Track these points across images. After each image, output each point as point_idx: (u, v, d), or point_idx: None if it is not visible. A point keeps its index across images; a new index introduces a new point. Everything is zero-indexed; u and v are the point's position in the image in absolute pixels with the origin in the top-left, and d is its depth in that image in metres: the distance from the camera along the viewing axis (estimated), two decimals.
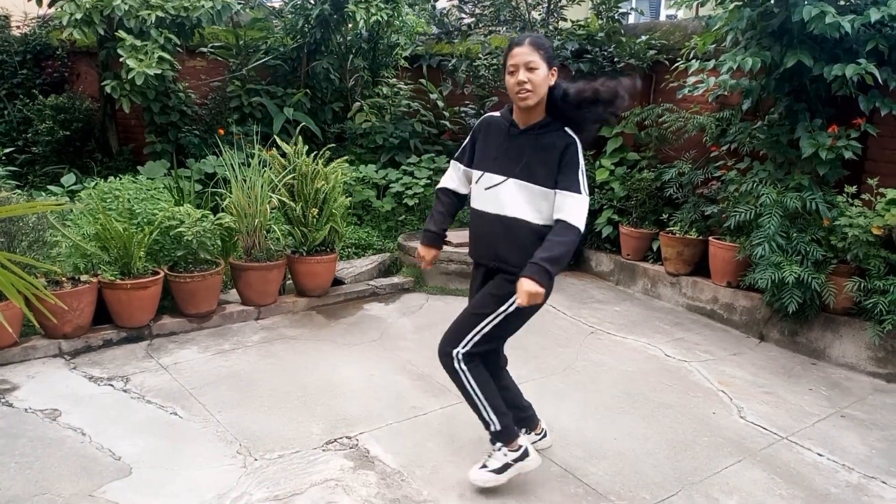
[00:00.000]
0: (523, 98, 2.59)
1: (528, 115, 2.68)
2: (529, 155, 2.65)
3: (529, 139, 2.67)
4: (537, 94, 2.59)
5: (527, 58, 2.56)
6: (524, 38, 2.61)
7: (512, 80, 2.59)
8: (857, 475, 3.14)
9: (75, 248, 4.21)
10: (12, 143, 6.77)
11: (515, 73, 2.58)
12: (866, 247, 4.13)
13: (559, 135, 2.65)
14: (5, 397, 3.53)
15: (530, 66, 2.56)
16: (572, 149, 2.63)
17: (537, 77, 2.57)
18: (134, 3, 5.53)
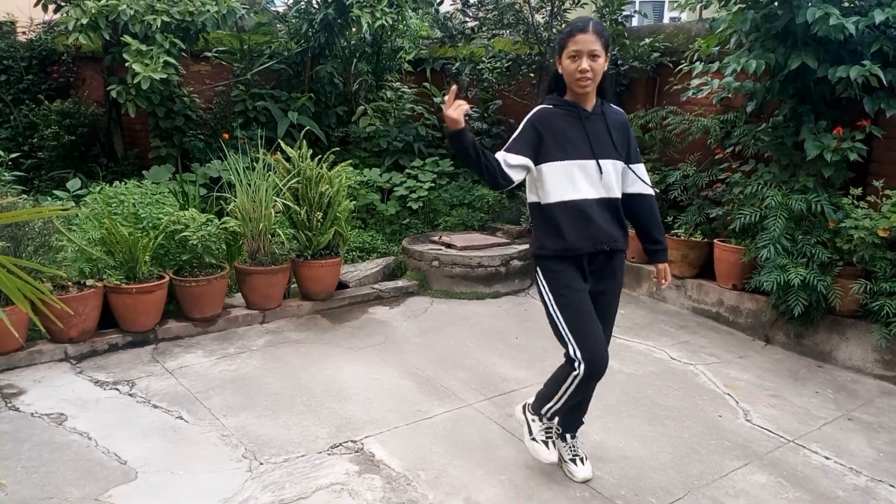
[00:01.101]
0: (583, 86, 2.59)
1: (588, 98, 2.69)
2: (609, 134, 2.69)
3: (601, 119, 2.71)
4: (596, 82, 2.62)
5: (591, 45, 2.54)
6: (587, 24, 2.57)
7: (573, 66, 2.57)
8: (864, 478, 3.12)
9: (81, 252, 4.23)
10: (18, 148, 6.81)
11: (578, 59, 2.56)
12: (872, 249, 4.12)
13: (616, 110, 2.78)
14: (12, 402, 3.54)
15: (594, 53, 2.55)
16: (627, 122, 2.81)
17: (599, 65, 2.58)
18: (139, 8, 5.56)
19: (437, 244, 5.86)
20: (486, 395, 3.80)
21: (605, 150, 2.68)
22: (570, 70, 2.59)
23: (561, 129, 2.66)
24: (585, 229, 2.66)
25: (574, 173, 2.65)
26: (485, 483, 2.95)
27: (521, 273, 5.79)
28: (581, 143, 2.65)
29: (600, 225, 2.68)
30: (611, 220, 2.72)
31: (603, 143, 2.68)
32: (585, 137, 2.65)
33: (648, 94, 6.37)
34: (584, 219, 2.66)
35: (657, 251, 2.93)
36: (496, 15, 7.22)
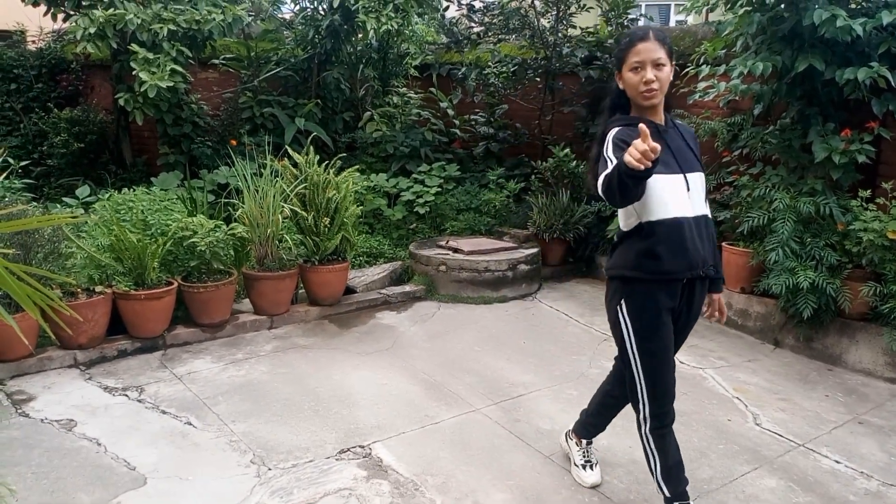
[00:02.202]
0: (650, 98, 2.38)
1: (656, 112, 2.48)
2: (689, 146, 2.53)
3: (677, 132, 2.53)
4: (663, 93, 2.41)
5: (654, 54, 2.34)
6: (647, 32, 2.38)
7: (636, 78, 2.36)
8: (875, 482, 3.09)
9: (90, 259, 4.25)
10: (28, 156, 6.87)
11: (641, 70, 2.35)
12: (882, 251, 4.09)
13: (681, 124, 2.63)
14: (22, 408, 3.56)
15: (658, 62, 2.35)
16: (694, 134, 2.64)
17: (665, 74, 2.38)
18: (146, 17, 5.60)
19: (444, 249, 5.87)
20: (494, 400, 3.79)
21: (691, 162, 2.48)
22: (633, 83, 2.38)
23: None
24: (687, 248, 2.40)
25: (668, 189, 2.39)
26: (493, 488, 2.94)
27: (529, 277, 5.79)
28: (667, 157, 2.38)
29: (696, 247, 2.42)
30: (706, 240, 2.47)
31: (686, 155, 2.48)
32: (669, 151, 2.42)
33: None
34: (681, 239, 2.39)
35: (715, 280, 2.63)
36: (502, 20, 7.24)
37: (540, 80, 7.16)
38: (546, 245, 6.18)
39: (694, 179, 2.45)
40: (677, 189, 2.40)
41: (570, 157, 6.42)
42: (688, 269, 2.43)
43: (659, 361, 2.50)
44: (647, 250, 2.41)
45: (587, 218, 6.21)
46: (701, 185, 2.49)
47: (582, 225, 6.17)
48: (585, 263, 6.44)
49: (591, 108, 6.80)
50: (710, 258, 2.49)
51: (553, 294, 5.81)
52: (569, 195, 6.31)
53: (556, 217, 6.13)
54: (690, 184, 2.43)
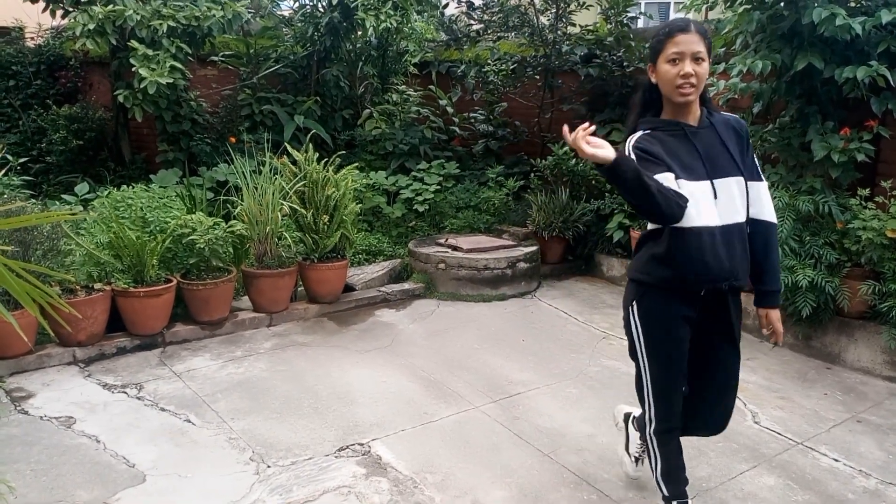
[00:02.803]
0: (686, 93, 2.22)
1: (690, 110, 2.31)
2: (726, 147, 2.31)
3: (712, 131, 2.32)
4: (699, 90, 2.25)
5: (694, 47, 2.20)
6: (688, 24, 2.23)
7: (674, 71, 2.20)
8: (874, 481, 3.10)
9: (89, 256, 4.25)
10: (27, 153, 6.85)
11: (680, 62, 2.20)
12: (881, 250, 4.10)
13: (727, 117, 2.38)
14: (21, 405, 3.56)
15: (698, 56, 2.20)
16: (746, 130, 2.38)
17: (704, 70, 2.22)
18: (146, 14, 5.59)
19: (443, 247, 5.87)
20: (493, 398, 3.80)
21: (723, 167, 2.28)
22: (669, 76, 2.22)
23: (670, 150, 2.27)
24: (709, 258, 2.26)
25: (691, 197, 2.22)
26: (492, 486, 2.95)
27: (528, 275, 5.79)
28: (693, 162, 2.26)
29: (720, 258, 2.27)
30: (735, 250, 2.30)
31: (718, 159, 2.28)
32: (697, 155, 2.27)
33: None
34: (703, 249, 2.25)
35: (766, 293, 2.46)
36: (501, 17, 7.23)
37: (539, 78, 7.16)
38: (545, 243, 6.18)
39: (725, 185, 2.27)
40: (702, 197, 2.24)
41: (570, 155, 6.41)
42: (706, 280, 2.30)
43: (666, 369, 2.43)
44: (660, 256, 2.33)
45: (586, 216, 6.21)
46: (737, 190, 2.29)
47: (581, 223, 6.17)
48: (584, 261, 6.44)
49: (591, 106, 6.80)
50: (740, 270, 2.32)
51: (552, 292, 5.81)
52: (568, 193, 6.32)
53: (555, 215, 6.13)
54: (718, 191, 2.26)
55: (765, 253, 2.38)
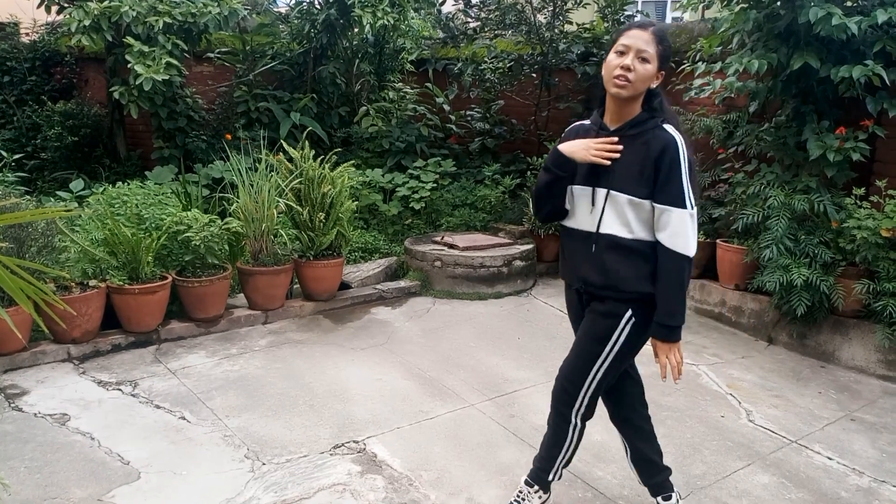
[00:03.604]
0: (619, 85, 2.20)
1: (620, 112, 2.30)
2: (622, 159, 2.26)
3: (620, 141, 2.28)
4: (635, 89, 2.21)
5: (642, 45, 2.19)
6: (649, 24, 2.25)
7: (615, 62, 2.20)
8: (867, 479, 3.11)
9: (84, 253, 4.23)
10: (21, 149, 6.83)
11: (624, 55, 2.20)
12: (875, 249, 4.11)
13: (656, 133, 2.26)
14: (15, 402, 3.55)
15: (643, 55, 2.19)
16: (672, 148, 2.22)
17: (645, 70, 2.19)
18: (141, 10, 5.57)
19: (439, 244, 5.87)
20: (489, 396, 3.80)
21: (609, 179, 2.28)
22: (610, 66, 2.22)
23: None
24: (570, 261, 2.47)
25: (577, 199, 2.38)
26: (487, 483, 2.95)
27: (524, 273, 5.79)
28: (589, 167, 2.32)
29: (577, 260, 2.41)
30: (595, 260, 2.34)
31: (611, 170, 2.28)
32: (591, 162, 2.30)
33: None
34: (570, 251, 2.47)
35: (657, 325, 2.33)
36: (498, 15, 7.23)
37: (536, 76, 7.16)
38: (541, 241, 6.19)
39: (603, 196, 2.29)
40: (583, 201, 2.37)
41: None
42: (574, 280, 2.48)
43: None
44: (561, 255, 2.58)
45: None
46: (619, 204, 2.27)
47: None
48: None
49: (587, 104, 6.80)
50: (594, 276, 2.34)
51: (548, 290, 5.82)
52: None
53: None
54: (597, 199, 2.31)
55: (661, 282, 2.28)
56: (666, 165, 2.22)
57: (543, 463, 2.62)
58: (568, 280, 2.55)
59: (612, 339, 2.38)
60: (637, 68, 2.19)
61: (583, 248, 2.39)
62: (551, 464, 2.61)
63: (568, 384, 2.50)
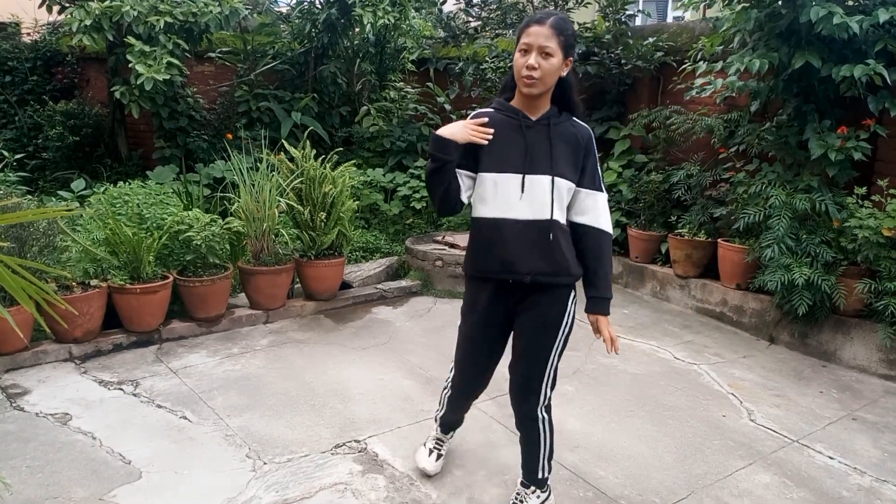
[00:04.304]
0: (529, 84, 2.25)
1: (535, 105, 2.35)
2: (552, 147, 2.34)
3: (547, 130, 2.35)
4: (545, 84, 2.26)
5: (543, 41, 2.21)
6: (546, 18, 2.24)
7: (521, 61, 2.24)
8: (869, 478, 3.11)
9: (85, 252, 4.24)
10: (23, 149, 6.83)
11: (527, 54, 2.23)
12: (877, 248, 4.11)
13: (576, 125, 2.41)
14: (17, 401, 3.55)
15: (546, 50, 2.21)
16: (592, 141, 2.42)
17: (550, 65, 2.23)
18: (143, 9, 5.57)
19: (440, 244, 5.87)
20: (490, 395, 3.79)
21: (540, 164, 2.32)
22: (517, 66, 2.26)
23: (498, 137, 2.33)
24: (507, 252, 2.35)
25: (503, 188, 2.33)
26: (488, 483, 2.95)
27: None
28: (516, 155, 2.33)
29: (519, 250, 2.34)
30: (536, 247, 2.34)
31: (539, 156, 2.32)
32: (523, 149, 2.33)
33: (652, 94, 6.36)
34: (501, 241, 2.35)
35: (595, 300, 2.48)
36: (499, 14, 7.23)
37: None
38: None
39: (537, 182, 2.31)
40: (510, 189, 2.32)
41: None
42: (502, 271, 2.37)
43: (463, 350, 2.63)
44: (471, 246, 2.48)
45: None
46: (548, 189, 2.32)
47: None
48: None
49: (589, 103, 6.80)
50: (544, 265, 2.35)
51: None
52: None
53: None
54: (527, 186, 2.31)
55: (596, 261, 2.43)
56: (592, 155, 2.42)
57: (529, 465, 2.66)
58: (502, 274, 2.39)
59: (563, 323, 2.47)
60: (542, 65, 2.23)
61: (526, 237, 2.34)
62: (536, 463, 2.63)
63: (531, 384, 2.51)
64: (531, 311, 2.44)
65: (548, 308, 2.44)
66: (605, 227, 2.44)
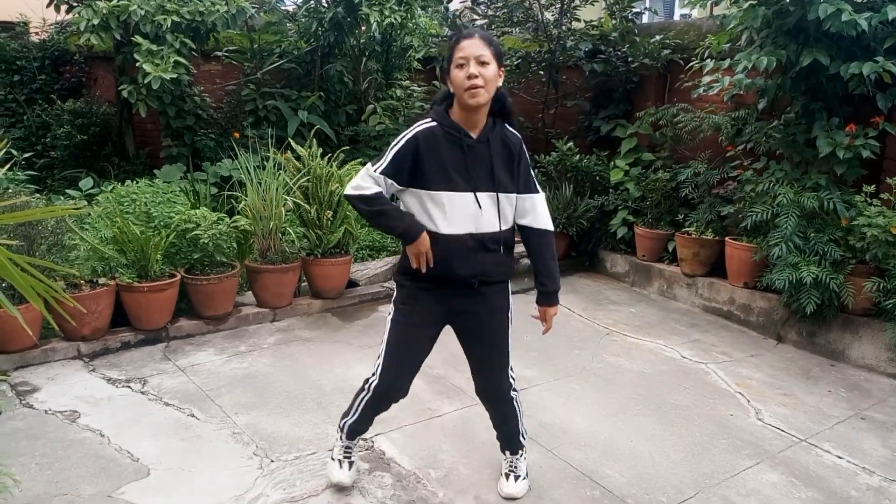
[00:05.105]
0: (474, 94, 2.32)
1: (475, 118, 2.43)
2: (493, 163, 2.45)
3: (487, 146, 2.45)
4: (488, 92, 2.35)
5: (477, 51, 2.31)
6: (473, 32, 2.38)
7: (461, 74, 2.31)
8: (877, 478, 3.10)
9: (93, 251, 4.26)
10: (31, 148, 6.86)
11: (465, 66, 2.31)
12: (885, 247, 4.08)
13: (508, 134, 2.52)
14: (26, 399, 3.57)
15: (481, 59, 2.31)
16: (523, 146, 2.55)
17: (489, 72, 2.32)
18: (150, 9, 5.58)
19: None
20: None
21: (484, 181, 2.44)
22: (458, 80, 2.33)
23: (442, 154, 2.41)
24: (455, 264, 2.47)
25: (450, 205, 2.43)
26: (494, 482, 2.95)
27: (530, 272, 5.76)
28: (459, 174, 2.42)
29: (470, 261, 2.47)
30: (482, 256, 2.49)
31: (483, 174, 2.44)
32: (463, 167, 2.42)
33: (659, 92, 6.34)
34: (450, 253, 2.46)
35: (545, 293, 2.68)
36: (505, 12, 7.21)
37: (543, 74, 7.14)
38: None
39: (484, 199, 2.46)
40: (460, 206, 2.44)
41: (574, 150, 6.41)
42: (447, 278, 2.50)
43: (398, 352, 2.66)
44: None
45: (590, 212, 6.20)
46: (492, 204, 2.47)
47: (585, 219, 6.16)
48: (588, 258, 6.44)
49: (595, 101, 6.78)
50: (491, 270, 2.53)
51: None
52: (572, 189, 6.31)
53: (559, 211, 6.12)
54: (481, 202, 2.45)
55: (542, 258, 2.63)
56: (524, 160, 2.55)
57: (509, 436, 2.88)
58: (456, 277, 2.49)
59: (510, 315, 2.69)
60: (482, 73, 2.32)
61: (475, 250, 2.48)
62: (517, 432, 2.86)
63: (502, 372, 2.72)
64: (480, 305, 2.60)
65: (496, 307, 2.63)
66: (545, 226, 2.60)
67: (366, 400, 2.74)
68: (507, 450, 2.91)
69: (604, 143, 6.60)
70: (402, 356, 2.66)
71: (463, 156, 2.43)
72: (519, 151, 2.53)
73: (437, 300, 2.57)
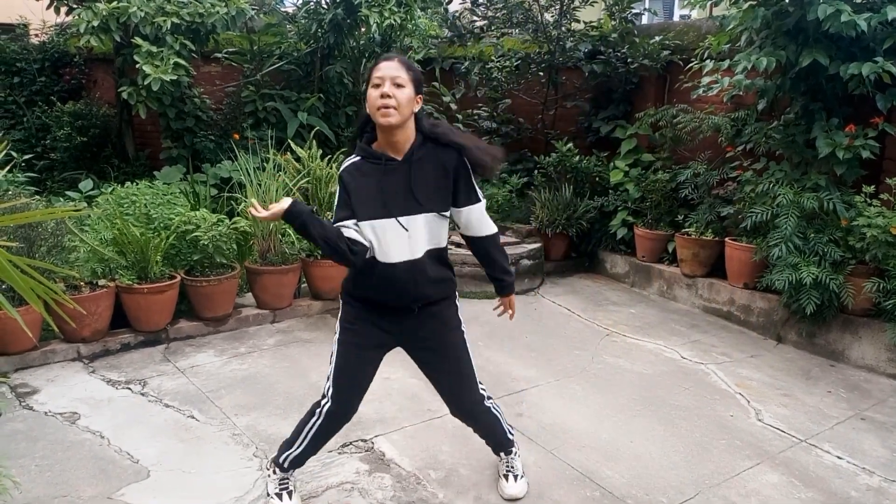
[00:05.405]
0: (385, 114, 2.30)
1: (395, 140, 2.40)
2: (419, 182, 2.42)
3: (408, 167, 2.41)
4: (401, 115, 2.32)
5: (394, 73, 2.32)
6: (394, 56, 2.41)
7: (375, 93, 2.31)
8: (877, 478, 3.10)
9: (93, 252, 4.26)
10: (31, 150, 6.86)
11: (380, 86, 2.31)
12: (885, 247, 4.08)
13: (441, 151, 2.45)
14: (25, 400, 3.57)
15: (397, 81, 2.32)
16: (461, 160, 2.46)
17: (403, 95, 2.32)
18: (150, 10, 5.59)
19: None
20: (496, 395, 3.79)
21: (411, 205, 2.42)
22: (372, 99, 2.32)
23: (364, 184, 2.40)
24: (392, 291, 2.49)
25: (381, 232, 2.41)
26: (495, 482, 2.95)
27: (531, 272, 5.78)
28: (387, 199, 2.40)
29: (406, 287, 2.48)
30: (417, 280, 2.48)
31: (400, 197, 2.40)
32: (385, 192, 2.40)
33: (659, 93, 6.34)
34: (388, 281, 2.46)
35: (502, 285, 2.81)
36: (505, 14, 7.21)
37: (543, 75, 7.14)
38: (549, 240, 6.18)
39: (412, 222, 2.43)
40: (391, 233, 2.42)
41: (574, 151, 6.41)
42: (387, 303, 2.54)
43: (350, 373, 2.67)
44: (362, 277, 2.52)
45: (590, 213, 6.20)
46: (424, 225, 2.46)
47: (585, 220, 6.17)
48: (588, 259, 6.44)
49: (595, 102, 6.79)
50: (430, 292, 2.55)
51: (555, 289, 5.81)
52: (572, 190, 6.31)
53: (558, 212, 6.12)
54: (407, 226, 2.43)
55: (491, 259, 2.75)
56: (462, 174, 2.48)
57: (498, 439, 2.88)
58: (396, 303, 2.53)
59: (460, 320, 2.72)
60: (396, 94, 2.31)
61: (409, 274, 2.46)
62: (503, 433, 2.86)
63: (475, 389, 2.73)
64: (427, 326, 2.61)
65: (450, 324, 2.66)
66: (488, 232, 2.69)
67: (317, 426, 2.66)
68: (501, 451, 2.93)
69: (603, 144, 6.60)
70: (354, 376, 2.67)
71: (378, 183, 2.40)
72: (456, 166, 2.46)
73: (384, 324, 2.59)
